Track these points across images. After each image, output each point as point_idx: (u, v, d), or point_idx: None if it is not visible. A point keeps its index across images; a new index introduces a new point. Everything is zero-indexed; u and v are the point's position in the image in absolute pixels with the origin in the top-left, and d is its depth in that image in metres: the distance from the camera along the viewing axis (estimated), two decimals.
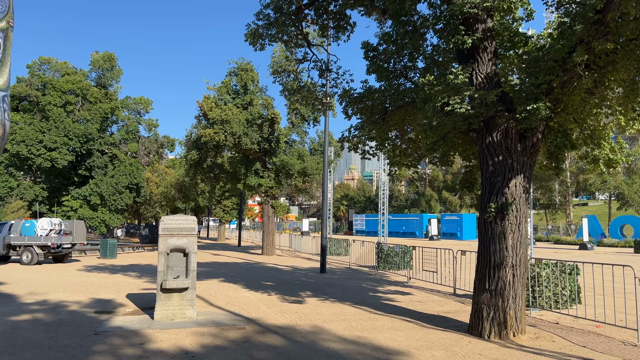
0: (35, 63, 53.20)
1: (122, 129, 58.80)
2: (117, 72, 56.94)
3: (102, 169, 52.79)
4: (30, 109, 51.10)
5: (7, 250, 24.66)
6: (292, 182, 32.90)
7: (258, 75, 33.91)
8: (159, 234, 10.47)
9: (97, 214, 51.53)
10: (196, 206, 64.76)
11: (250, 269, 22.77)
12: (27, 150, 46.55)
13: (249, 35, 10.70)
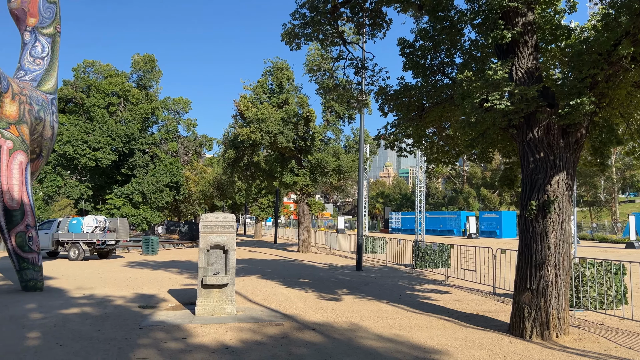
0: (80, 66, 55.25)
1: (162, 128, 60.35)
2: (157, 73, 58.46)
3: (143, 168, 54.35)
4: (76, 110, 53.13)
5: (56, 246, 25.76)
6: (328, 180, 32.99)
7: (293, 73, 34.16)
8: (199, 231, 10.73)
9: (139, 211, 53.12)
10: (233, 204, 65.79)
11: (287, 266, 23.00)
12: (73, 151, 48.47)
13: (285, 35, 10.81)
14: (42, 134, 16.45)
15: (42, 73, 17.99)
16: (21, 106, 14.54)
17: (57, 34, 18.40)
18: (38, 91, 16.89)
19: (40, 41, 18.00)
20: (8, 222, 13.47)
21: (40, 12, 17.66)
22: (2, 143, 13.76)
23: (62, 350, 7.45)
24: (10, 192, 13.52)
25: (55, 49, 18.45)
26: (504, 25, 8.74)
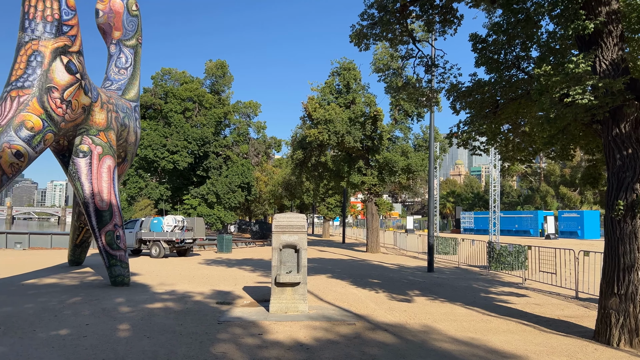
0: (158, 74, 58.50)
1: (234, 131, 62.50)
2: (229, 78, 60.64)
3: (217, 170, 56.60)
4: (155, 116, 56.30)
5: (139, 244, 27.46)
6: (396, 180, 32.66)
7: (360, 73, 34.13)
8: (272, 231, 11.05)
9: (214, 211, 55.36)
10: (301, 203, 66.82)
11: (356, 266, 23.05)
12: (153, 154, 51.43)
13: (353, 36, 10.87)
14: (127, 139, 17.63)
15: (125, 82, 19.28)
16: (109, 114, 15.66)
17: (138, 45, 19.65)
18: (123, 99, 18.11)
19: (124, 53, 19.30)
20: (98, 222, 14.55)
21: (124, 25, 18.93)
22: (92, 149, 14.89)
23: (150, 342, 7.97)
24: (100, 194, 14.61)
25: (137, 59, 19.71)
26: (585, 16, 8.27)
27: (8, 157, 11.50)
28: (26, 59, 12.52)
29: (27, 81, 12.34)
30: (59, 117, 12.85)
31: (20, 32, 12.71)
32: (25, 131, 11.94)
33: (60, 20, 12.91)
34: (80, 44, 13.65)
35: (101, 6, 18.43)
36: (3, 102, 12.10)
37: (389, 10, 10.23)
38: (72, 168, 14.74)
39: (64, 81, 12.94)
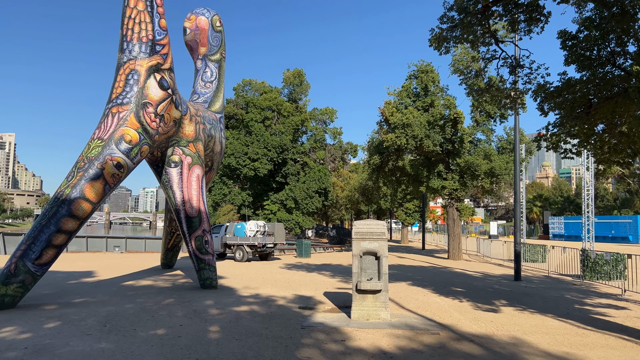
0: (239, 85, 61.02)
1: (311, 138, 63.62)
2: (306, 86, 61.91)
3: (295, 176, 57.87)
4: (237, 125, 58.74)
5: (224, 248, 28.72)
6: (478, 184, 31.52)
7: (439, 75, 33.41)
8: (352, 238, 11.12)
9: (292, 216, 56.62)
10: (378, 209, 66.42)
11: (437, 273, 22.51)
12: (236, 162, 53.64)
13: (433, 40, 10.70)
14: (213, 149, 18.57)
15: (211, 95, 20.33)
16: (197, 126, 16.59)
17: (222, 59, 20.66)
18: (209, 111, 19.11)
19: (210, 67, 20.37)
20: (189, 227, 15.43)
21: (209, 41, 19.98)
22: (183, 159, 15.85)
23: (238, 344, 8.33)
24: (190, 201, 15.50)
25: (221, 73, 20.73)
26: None
27: (110, 168, 12.56)
28: (124, 78, 13.62)
29: (126, 98, 13.41)
30: (153, 130, 13.83)
31: (119, 54, 13.85)
32: (124, 144, 12.98)
33: (153, 41, 13.92)
34: (171, 61, 14.61)
35: (188, 24, 19.61)
36: (105, 118, 13.24)
37: (470, 12, 9.96)
38: (165, 177, 15.77)
39: (158, 97, 13.92)
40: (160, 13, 14.18)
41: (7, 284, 11.04)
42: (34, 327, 9.26)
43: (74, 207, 11.83)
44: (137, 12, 13.67)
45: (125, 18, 13.68)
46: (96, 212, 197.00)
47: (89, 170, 12.28)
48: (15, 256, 11.26)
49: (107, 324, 9.60)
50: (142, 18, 13.74)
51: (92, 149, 12.69)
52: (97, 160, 12.45)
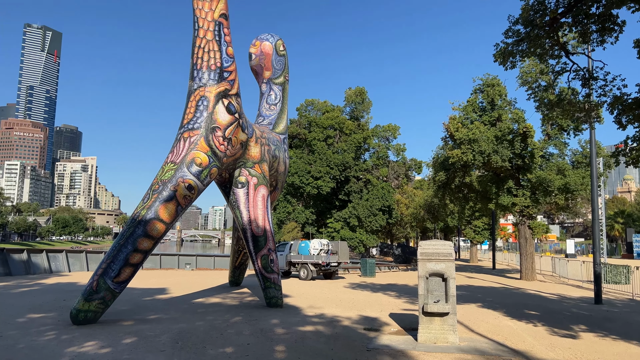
0: (302, 105, 62.23)
1: (374, 155, 63.40)
2: (367, 104, 62.05)
3: (358, 194, 57.76)
4: (300, 145, 59.74)
5: (289, 266, 29.07)
6: (552, 200, 29.96)
7: (505, 88, 32.35)
8: (417, 258, 10.92)
9: (356, 234, 56.39)
10: (445, 226, 64.70)
11: (509, 294, 21.50)
12: (299, 180, 54.45)
13: (498, 55, 10.44)
14: (277, 169, 19.01)
15: (275, 117, 20.90)
16: (262, 147, 17.08)
17: (286, 82, 21.23)
18: (273, 133, 19.64)
19: (274, 90, 20.99)
20: (255, 246, 15.80)
21: (273, 65, 20.63)
22: (249, 180, 16.33)
23: None
24: (256, 220, 15.90)
25: (285, 95, 21.29)
26: None
27: (182, 190, 13.19)
28: (195, 104, 14.34)
29: (196, 123, 14.10)
30: (221, 153, 14.40)
31: (190, 81, 14.62)
32: (195, 167, 13.60)
33: (221, 68, 14.58)
34: (237, 86, 15.22)
35: (253, 50, 20.37)
36: (178, 143, 13.96)
37: (537, 25, 9.63)
38: (232, 198, 16.30)
39: (225, 121, 14.51)
40: (228, 41, 14.85)
41: (89, 300, 11.80)
42: (113, 342, 9.81)
43: (149, 228, 12.49)
44: (206, 41, 14.41)
45: (196, 47, 14.45)
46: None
47: (163, 192, 12.96)
48: (97, 274, 12.03)
49: (179, 341, 9.98)
50: (210, 47, 14.45)
51: (166, 172, 13.40)
52: (170, 182, 13.12)
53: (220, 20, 14.54)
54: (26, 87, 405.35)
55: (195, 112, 14.21)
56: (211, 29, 14.44)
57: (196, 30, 14.44)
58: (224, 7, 14.71)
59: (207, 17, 14.37)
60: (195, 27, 14.44)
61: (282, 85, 21.00)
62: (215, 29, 14.50)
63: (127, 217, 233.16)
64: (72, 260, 29.12)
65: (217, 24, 14.48)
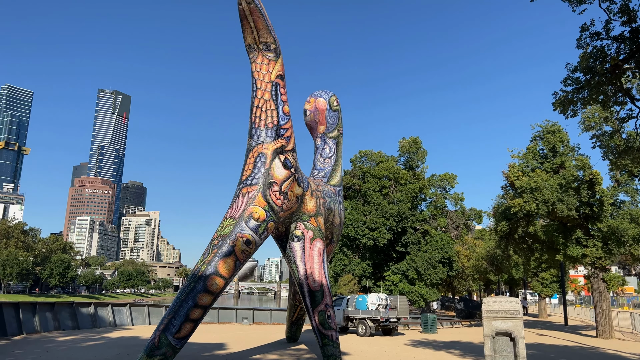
0: (356, 157, 62.78)
1: (431, 205, 62.28)
2: (422, 153, 61.71)
3: (415, 245, 56.44)
4: (355, 195, 59.79)
5: (346, 322, 28.36)
6: (627, 251, 27.93)
7: (567, 134, 31.30)
8: (482, 316, 10.38)
9: (415, 287, 54.63)
10: (510, 279, 61.51)
11: (585, 355, 19.82)
12: (355, 232, 54.06)
13: (557, 103, 10.18)
14: (333, 221, 19.02)
15: (330, 170, 21.16)
16: (317, 200, 17.23)
17: (340, 135, 21.62)
18: (328, 185, 19.82)
19: (328, 144, 21.38)
20: (312, 301, 15.62)
21: (327, 120, 21.13)
22: (305, 233, 16.41)
23: None
24: (312, 275, 15.81)
25: (339, 148, 21.62)
26: None
27: (240, 245, 13.43)
28: (253, 161, 14.82)
29: (254, 179, 14.51)
30: (278, 207, 14.65)
31: (249, 139, 15.20)
32: (252, 222, 13.88)
33: (278, 125, 15.11)
34: (293, 142, 15.65)
35: (308, 106, 21.02)
36: (236, 198, 14.37)
37: (598, 72, 9.38)
38: (289, 251, 16.38)
39: (282, 176, 14.85)
40: (284, 100, 15.44)
41: (151, 356, 11.97)
42: None
43: (209, 283, 12.71)
44: (263, 101, 15.05)
45: (254, 107, 15.12)
46: None
47: (222, 247, 13.25)
48: (159, 330, 12.25)
49: None
50: (268, 106, 15.07)
51: (225, 227, 13.74)
52: (229, 237, 13.41)
53: (277, 81, 15.21)
54: (98, 147, 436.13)
55: (253, 168, 14.66)
56: (268, 90, 15.10)
57: (254, 92, 15.14)
58: (281, 69, 15.41)
59: (264, 79, 15.08)
60: (254, 89, 15.16)
61: (336, 139, 21.37)
62: (272, 90, 15.14)
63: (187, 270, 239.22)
64: (135, 314, 29.92)
65: (274, 84, 15.14)
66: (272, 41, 14.98)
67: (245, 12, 14.30)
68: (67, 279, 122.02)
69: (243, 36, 14.92)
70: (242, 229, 13.69)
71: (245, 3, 14.11)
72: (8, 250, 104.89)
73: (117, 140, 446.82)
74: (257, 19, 14.50)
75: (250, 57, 15.20)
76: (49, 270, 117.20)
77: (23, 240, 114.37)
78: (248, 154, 15.03)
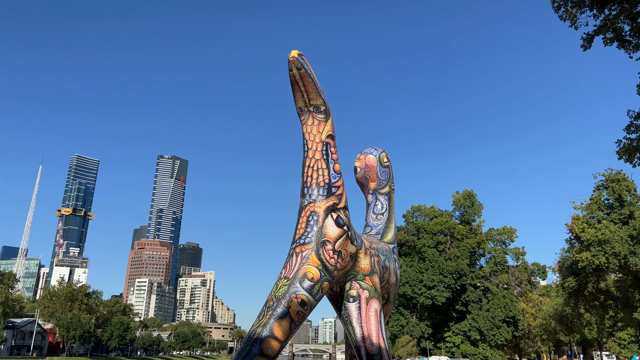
0: (409, 212, 61.91)
1: (490, 261, 59.74)
2: (478, 207, 60.04)
3: (476, 303, 53.76)
4: (409, 252, 58.42)
5: None
6: None
7: (634, 183, 29.67)
8: None
9: (478, 349, 51.51)
10: (582, 339, 56.88)
11: None
12: (411, 290, 52.35)
13: (622, 152, 9.70)
14: (388, 280, 18.48)
15: (383, 227, 20.83)
16: (372, 259, 16.89)
17: (391, 191, 21.43)
18: (382, 243, 19.46)
19: (380, 200, 21.20)
20: None
21: (378, 176, 21.07)
22: (360, 293, 16.00)
23: None
24: (369, 337, 15.24)
25: (391, 204, 21.37)
26: None
27: (295, 306, 13.24)
28: (306, 219, 14.88)
29: (307, 238, 14.50)
30: (332, 267, 14.46)
31: (301, 198, 15.37)
32: (307, 282, 13.73)
33: (329, 184, 15.22)
34: (345, 200, 15.66)
35: (358, 163, 21.13)
36: (290, 258, 14.35)
37: None
38: (344, 312, 15.96)
39: (335, 234, 14.76)
40: (335, 159, 15.63)
41: None
42: None
43: (264, 346, 12.49)
44: (315, 160, 15.30)
45: (305, 167, 15.38)
46: None
47: (277, 309, 13.10)
48: None
49: None
50: (319, 165, 15.28)
51: (280, 288, 13.65)
52: (284, 298, 13.28)
53: (327, 140, 15.51)
54: (157, 210, 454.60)
55: (306, 227, 14.68)
56: (319, 150, 15.37)
57: (306, 152, 15.45)
58: (331, 129, 15.76)
59: (315, 139, 15.42)
60: (305, 149, 15.49)
61: (388, 195, 21.20)
62: (323, 149, 15.41)
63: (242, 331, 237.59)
64: None
65: (325, 144, 15.43)
66: (321, 103, 15.43)
67: (296, 78, 14.90)
68: (126, 341, 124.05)
69: (294, 100, 15.48)
70: (297, 290, 13.54)
71: (296, 69, 14.73)
72: (72, 312, 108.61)
73: (175, 203, 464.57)
74: (307, 84, 15.06)
75: (301, 119, 15.66)
76: (109, 332, 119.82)
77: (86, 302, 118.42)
78: (300, 212, 15.13)
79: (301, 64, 14.87)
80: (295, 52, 15.13)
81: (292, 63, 14.84)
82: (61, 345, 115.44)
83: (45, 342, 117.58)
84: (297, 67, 14.78)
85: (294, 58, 14.84)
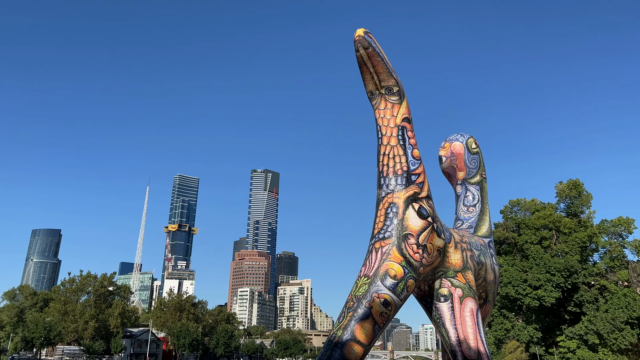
0: (506, 207, 57.64)
1: (605, 256, 53.76)
2: (586, 197, 54.44)
3: (592, 304, 48.48)
4: (510, 250, 54.24)
5: None
6: None
7: None
8: None
9: (599, 355, 46.28)
10: None
11: None
12: (515, 291, 48.39)
13: None
14: (485, 277, 16.56)
15: (475, 219, 18.87)
16: (463, 253, 15.16)
17: (483, 180, 19.39)
18: (475, 237, 17.55)
19: (470, 190, 19.27)
20: None
21: (466, 165, 19.19)
22: (452, 291, 14.35)
23: None
24: (466, 340, 13.56)
25: (484, 195, 19.32)
26: None
27: (378, 306, 11.99)
28: (384, 212, 13.58)
29: (387, 232, 13.19)
30: (417, 262, 13.02)
31: (378, 190, 14.10)
32: (389, 280, 12.42)
33: (408, 172, 13.80)
34: (427, 189, 14.14)
35: (443, 152, 19.39)
36: (370, 255, 13.13)
37: None
38: (436, 313, 14.40)
39: (418, 226, 13.31)
40: (413, 144, 14.21)
41: None
42: None
43: (346, 351, 11.40)
44: (390, 147, 13.99)
45: (380, 155, 14.10)
46: (381, 350, 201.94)
47: (358, 310, 11.95)
48: None
49: None
50: (395, 152, 13.94)
51: (360, 287, 12.49)
52: (365, 298, 12.10)
53: (403, 124, 14.12)
54: (253, 222, 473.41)
55: (385, 221, 13.40)
56: (394, 135, 14.03)
57: (380, 139, 14.20)
58: (407, 112, 14.34)
59: (389, 124, 14.11)
60: (379, 136, 14.23)
61: (480, 184, 19.20)
62: (399, 134, 14.05)
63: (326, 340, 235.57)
64: None
65: (400, 128, 14.07)
66: (394, 84, 14.10)
67: (364, 58, 13.72)
68: (231, 349, 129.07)
69: (363, 83, 14.30)
70: (379, 289, 12.29)
71: (363, 49, 13.55)
72: (181, 322, 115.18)
73: (270, 214, 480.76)
74: (376, 63, 13.82)
75: (373, 105, 14.45)
76: (216, 340, 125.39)
77: (193, 312, 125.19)
78: (378, 205, 13.87)
79: (368, 43, 13.58)
80: (361, 30, 13.93)
81: (359, 42, 13.61)
82: (174, 353, 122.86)
83: (160, 350, 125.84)
84: (364, 46, 13.54)
85: (359, 37, 13.60)
